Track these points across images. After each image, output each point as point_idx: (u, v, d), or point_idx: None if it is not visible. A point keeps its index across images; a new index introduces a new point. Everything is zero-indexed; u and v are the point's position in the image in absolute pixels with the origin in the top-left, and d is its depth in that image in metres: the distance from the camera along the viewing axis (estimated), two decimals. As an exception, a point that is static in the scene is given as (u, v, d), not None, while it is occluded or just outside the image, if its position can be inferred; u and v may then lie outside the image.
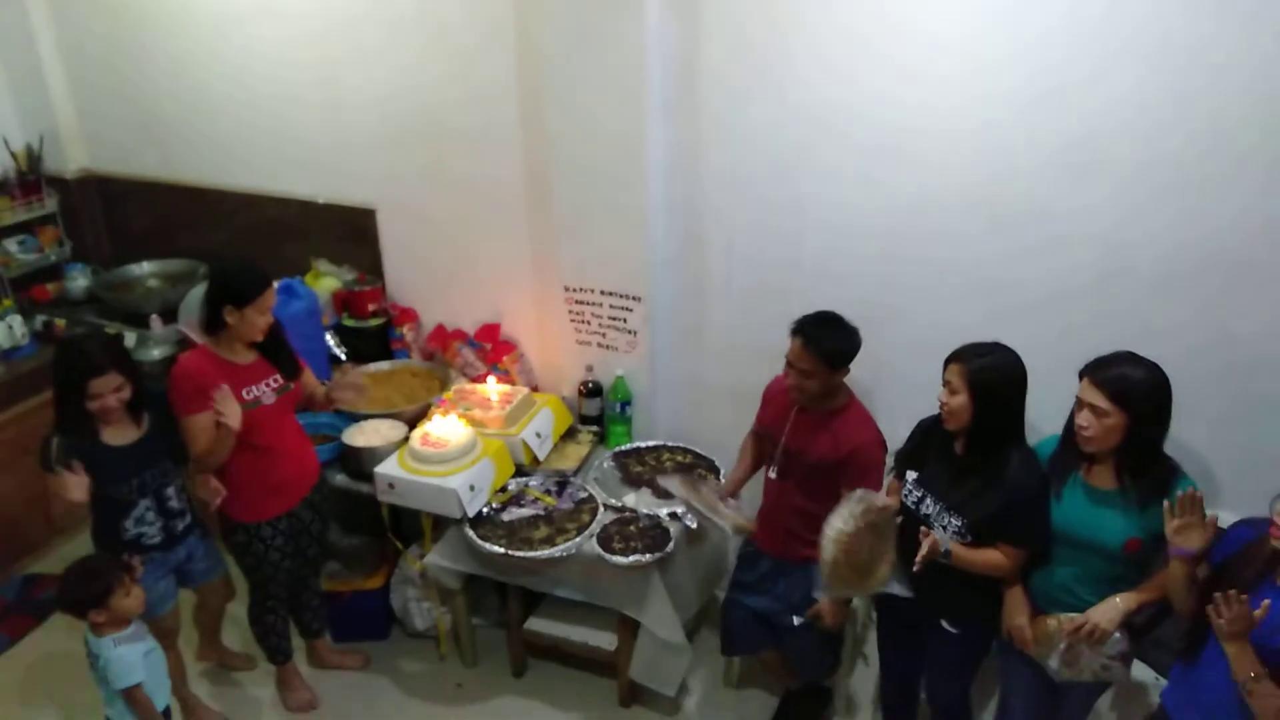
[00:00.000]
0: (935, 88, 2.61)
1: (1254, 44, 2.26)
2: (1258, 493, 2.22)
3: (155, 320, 3.75)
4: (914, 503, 2.46)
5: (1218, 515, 2.07)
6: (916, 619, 2.59)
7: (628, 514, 3.04)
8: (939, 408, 2.36)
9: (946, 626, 2.51)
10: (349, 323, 3.72)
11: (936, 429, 2.44)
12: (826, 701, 3.13)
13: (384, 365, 3.67)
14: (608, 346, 3.34)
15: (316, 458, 3.05)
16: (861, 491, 2.43)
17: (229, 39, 3.69)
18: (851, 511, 2.39)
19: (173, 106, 3.97)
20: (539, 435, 3.26)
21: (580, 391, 3.43)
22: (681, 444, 3.38)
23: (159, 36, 3.84)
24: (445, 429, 3.06)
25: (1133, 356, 2.19)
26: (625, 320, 3.26)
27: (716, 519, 2.88)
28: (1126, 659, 2.33)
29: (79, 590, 2.45)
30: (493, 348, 3.60)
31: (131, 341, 3.67)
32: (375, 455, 3.12)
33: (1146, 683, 2.61)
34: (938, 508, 2.40)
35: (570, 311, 3.34)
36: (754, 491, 2.95)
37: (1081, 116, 2.48)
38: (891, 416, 2.68)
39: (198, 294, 2.98)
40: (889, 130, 2.71)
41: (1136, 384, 2.14)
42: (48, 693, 3.32)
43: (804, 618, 2.75)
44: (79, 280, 4.19)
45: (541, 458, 3.26)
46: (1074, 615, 2.27)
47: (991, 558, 2.35)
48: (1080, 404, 2.22)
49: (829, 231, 2.93)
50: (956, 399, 2.30)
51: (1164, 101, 2.38)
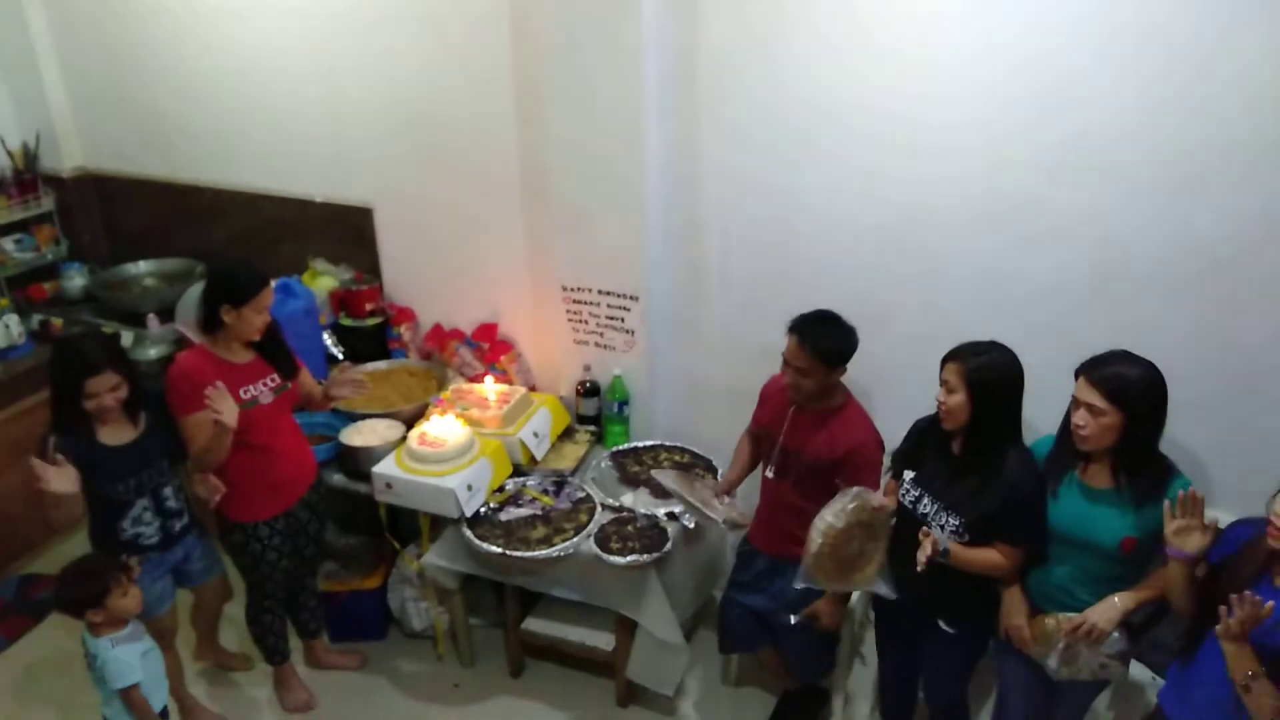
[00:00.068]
0: (933, 83, 2.60)
1: (1252, 41, 2.25)
2: (1254, 492, 2.22)
3: (152, 319, 3.75)
4: (911, 502, 2.46)
5: (1218, 518, 2.06)
6: (914, 619, 2.59)
7: (625, 514, 3.04)
8: (937, 407, 2.36)
9: (943, 627, 2.51)
10: (346, 322, 3.72)
11: (933, 429, 2.44)
12: (824, 701, 3.13)
13: (381, 365, 3.67)
14: (605, 346, 3.34)
15: (314, 457, 3.05)
16: (859, 489, 2.43)
17: (226, 37, 3.69)
18: (844, 507, 2.39)
19: (170, 104, 3.97)
20: (536, 435, 3.26)
21: (578, 391, 3.43)
22: (679, 443, 3.38)
23: (156, 34, 3.84)
24: (443, 429, 3.05)
25: (1128, 355, 2.19)
26: (623, 320, 3.25)
27: (710, 513, 2.88)
28: (1125, 658, 2.33)
29: (76, 590, 2.44)
30: (490, 347, 3.59)
31: (128, 341, 3.67)
32: (373, 455, 3.12)
33: (1144, 683, 2.61)
34: (935, 507, 2.40)
35: (568, 311, 3.34)
36: (750, 490, 2.95)
37: (1079, 113, 2.47)
38: (889, 416, 2.68)
39: (195, 293, 2.97)
40: (887, 125, 2.71)
41: (1132, 382, 2.14)
42: (45, 693, 3.32)
43: (799, 617, 2.75)
44: (76, 279, 4.19)
45: (539, 457, 3.26)
46: (1072, 615, 2.26)
47: (989, 557, 2.35)
48: (1076, 403, 2.22)
49: (826, 229, 2.92)
50: (954, 398, 2.30)
51: (1161, 98, 2.38)
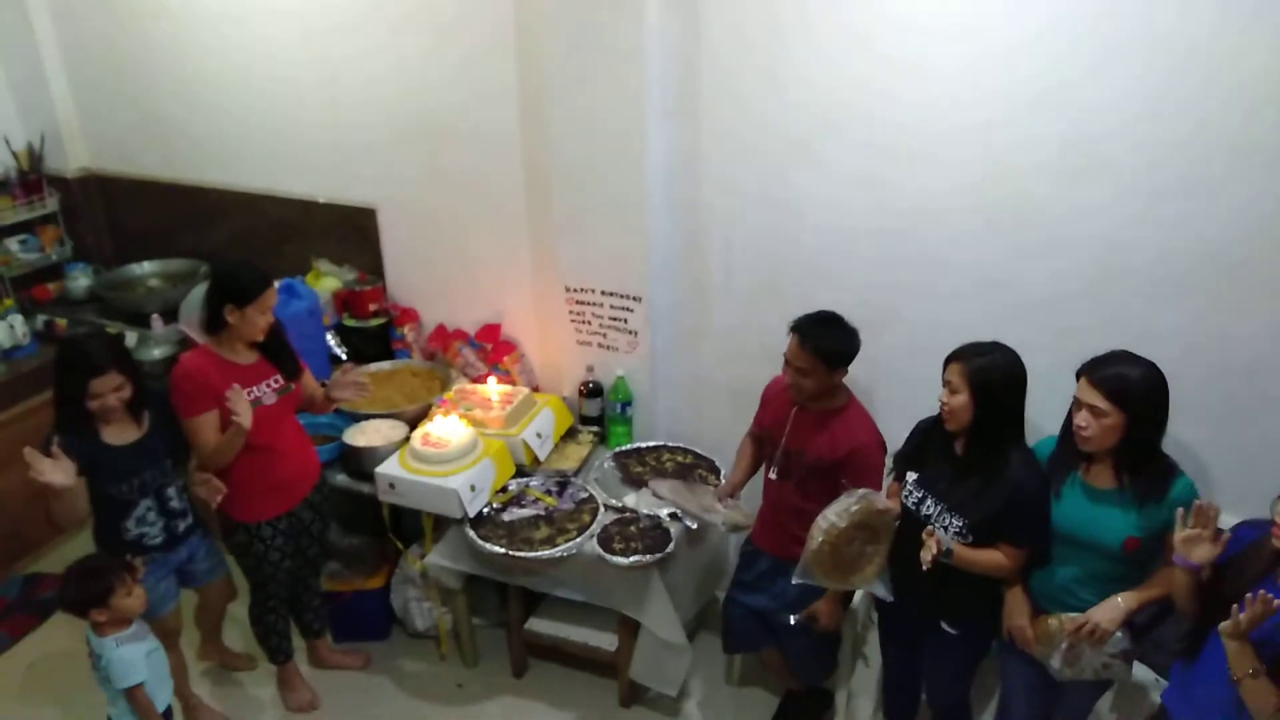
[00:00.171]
0: (934, 86, 2.60)
1: (1253, 43, 2.25)
2: (1255, 492, 2.22)
3: (156, 320, 3.76)
4: (914, 504, 2.45)
5: (1228, 533, 2.04)
6: (916, 620, 2.58)
7: (628, 514, 3.04)
8: (939, 408, 2.36)
9: (946, 628, 2.51)
10: (350, 322, 3.72)
11: (936, 430, 2.44)
12: (827, 702, 3.13)
13: (385, 365, 3.67)
14: (608, 347, 3.34)
15: (317, 458, 3.06)
16: (866, 490, 2.42)
17: (230, 39, 3.69)
18: (848, 507, 2.39)
19: (174, 106, 3.98)
20: (539, 435, 3.26)
21: (581, 392, 3.43)
22: (682, 444, 3.38)
23: (160, 36, 3.85)
24: (446, 429, 3.06)
25: (1129, 355, 2.19)
26: (626, 320, 3.26)
27: (709, 517, 2.88)
28: (1128, 657, 2.32)
29: (80, 590, 2.45)
30: (493, 348, 3.59)
31: (132, 341, 3.68)
32: (376, 455, 3.13)
33: (1147, 683, 2.60)
34: (938, 508, 2.40)
35: (571, 312, 3.34)
36: (753, 492, 2.95)
37: (1079, 116, 2.47)
38: (891, 418, 2.68)
39: (199, 293, 2.98)
40: (888, 129, 2.71)
41: (1134, 383, 2.14)
42: (49, 692, 3.33)
43: (799, 617, 2.75)
44: (80, 280, 4.20)
45: (542, 458, 3.26)
46: (1075, 615, 2.27)
47: (992, 558, 2.35)
48: (1078, 404, 2.22)
49: (828, 231, 2.92)
50: (957, 398, 2.30)
51: (1162, 102, 2.38)
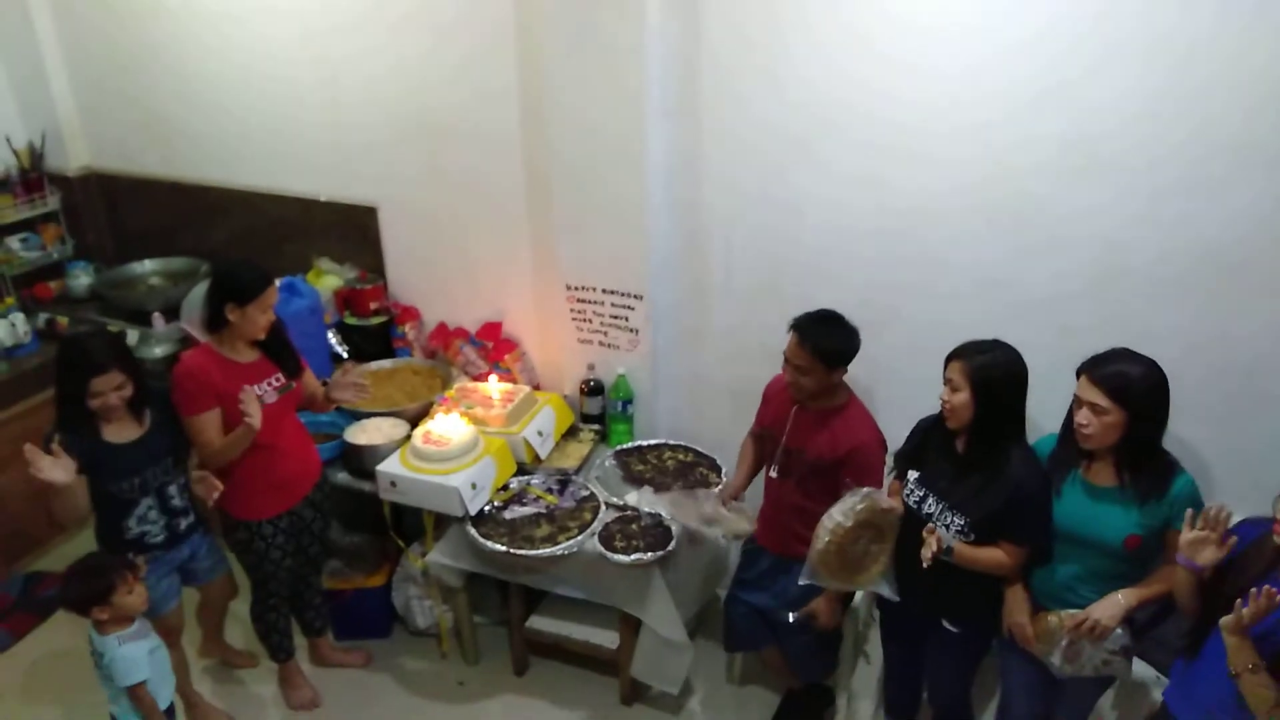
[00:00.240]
0: (934, 86, 2.60)
1: (1253, 43, 2.25)
2: (1256, 490, 2.22)
3: (157, 318, 3.76)
4: (916, 502, 2.46)
5: (1235, 537, 2.02)
6: (918, 618, 2.58)
7: (629, 512, 3.04)
8: (941, 406, 2.36)
9: (947, 626, 2.52)
10: (351, 321, 3.72)
11: (937, 428, 2.44)
12: (828, 701, 3.13)
13: (386, 363, 3.67)
14: (609, 345, 3.34)
15: (318, 456, 3.06)
16: (869, 489, 2.42)
17: (231, 37, 3.69)
18: (853, 506, 2.39)
19: (175, 104, 3.98)
20: (541, 433, 3.26)
21: (582, 390, 3.43)
22: (683, 442, 3.38)
23: (161, 34, 3.84)
24: (447, 427, 3.06)
25: (1130, 353, 2.19)
26: (627, 319, 3.26)
27: (709, 531, 2.86)
28: (1128, 653, 2.32)
29: (82, 588, 2.45)
30: (494, 346, 3.60)
31: (134, 339, 3.68)
32: (377, 453, 3.13)
33: (1148, 681, 2.60)
34: (940, 507, 2.40)
35: (572, 310, 3.34)
36: (754, 491, 2.95)
37: (1079, 116, 2.47)
38: (891, 416, 2.68)
39: (200, 292, 2.98)
40: (888, 128, 2.70)
41: (1135, 381, 2.14)
42: (51, 690, 3.33)
43: (798, 615, 2.75)
44: (81, 278, 4.20)
45: (543, 456, 3.26)
46: (1075, 612, 2.27)
47: (994, 556, 2.35)
48: (1079, 402, 2.22)
49: (829, 231, 2.92)
50: (958, 396, 2.30)
51: (1162, 102, 2.38)
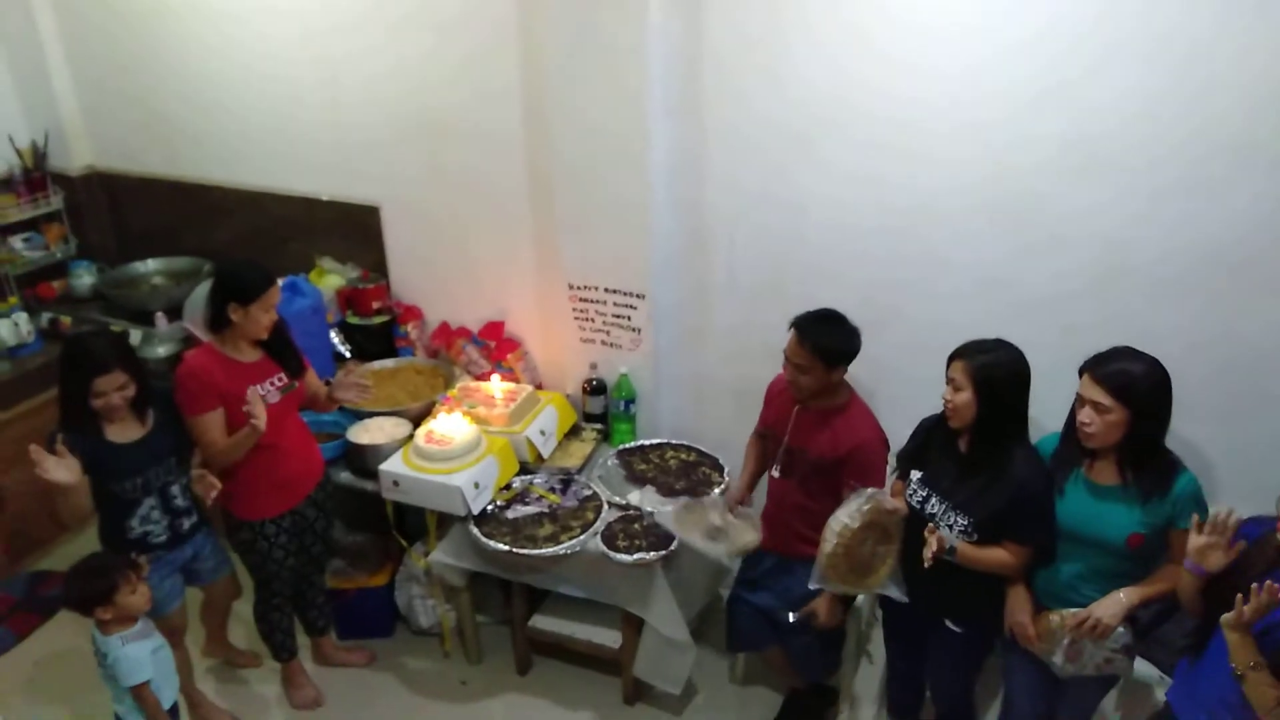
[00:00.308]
0: (935, 85, 2.60)
1: (1255, 41, 2.24)
2: (1258, 489, 2.21)
3: (160, 318, 3.76)
4: (919, 502, 2.45)
5: (1243, 542, 2.00)
6: (920, 618, 2.58)
7: (632, 512, 3.04)
8: (943, 405, 2.36)
9: (950, 626, 2.51)
10: (353, 320, 3.72)
11: (939, 428, 2.43)
12: (831, 700, 3.13)
13: (388, 363, 3.67)
14: (612, 344, 3.34)
15: (321, 455, 3.06)
16: (874, 490, 2.42)
17: (233, 37, 3.70)
18: (859, 508, 2.39)
19: (177, 104, 3.98)
20: (543, 433, 3.26)
21: (584, 389, 3.43)
22: (685, 441, 3.38)
23: (164, 34, 3.85)
24: (450, 426, 3.06)
25: (1132, 352, 2.19)
26: (629, 318, 3.25)
27: (714, 549, 2.82)
28: (1130, 653, 2.32)
29: (85, 587, 2.45)
30: (497, 345, 3.60)
31: (137, 339, 3.68)
32: (380, 453, 3.13)
33: (1151, 681, 2.60)
34: (943, 507, 2.40)
35: (574, 309, 3.34)
36: (759, 494, 2.95)
37: (1081, 115, 2.47)
38: (894, 416, 2.68)
39: (202, 291, 2.98)
40: (890, 127, 2.70)
41: (1137, 379, 2.14)
42: (54, 689, 3.33)
43: (798, 614, 2.74)
44: (84, 278, 4.21)
45: (546, 455, 3.26)
46: (1076, 610, 2.27)
47: (998, 556, 2.34)
48: (1081, 400, 2.22)
49: (831, 229, 2.92)
50: (961, 395, 2.29)
51: (1164, 100, 2.37)
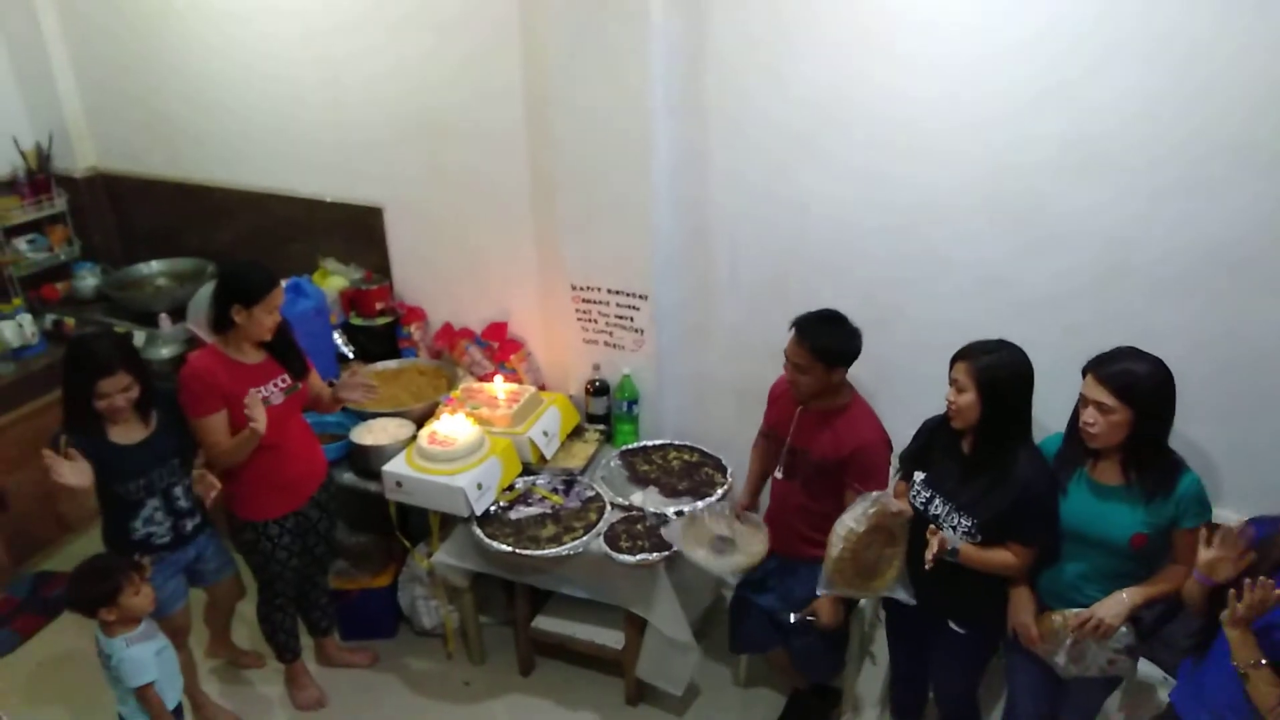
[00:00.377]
0: (939, 85, 2.60)
1: (1255, 41, 2.24)
2: (1262, 488, 2.22)
3: (164, 319, 3.77)
4: (923, 503, 2.45)
5: (1253, 554, 1.99)
6: (924, 619, 2.58)
7: (635, 512, 3.04)
8: (946, 407, 2.36)
9: (954, 627, 2.51)
10: (356, 321, 3.73)
11: (942, 429, 2.43)
12: (834, 701, 3.13)
13: (391, 364, 3.67)
14: (614, 345, 3.34)
15: (324, 456, 3.06)
16: (879, 494, 2.41)
17: (236, 37, 3.70)
18: (865, 511, 2.38)
19: (181, 105, 3.99)
20: (546, 434, 3.26)
21: (587, 390, 3.43)
22: (688, 442, 3.38)
23: (167, 35, 3.86)
24: (453, 427, 3.06)
25: (1135, 351, 2.19)
26: (632, 319, 3.26)
27: (718, 568, 2.80)
28: (1133, 653, 2.32)
29: (88, 589, 2.45)
30: (500, 346, 3.60)
31: (140, 340, 3.68)
32: (383, 454, 3.13)
33: (1155, 682, 2.60)
34: (947, 508, 2.39)
35: (577, 310, 3.34)
36: (762, 495, 2.95)
37: (1082, 113, 2.47)
38: (896, 416, 2.68)
39: (206, 293, 2.99)
40: (892, 125, 2.70)
41: (1141, 379, 2.14)
42: (58, 690, 3.34)
43: (799, 615, 2.74)
44: (88, 279, 4.21)
45: (548, 456, 3.26)
46: (1079, 610, 2.27)
47: (1001, 557, 2.34)
48: (1085, 401, 2.22)
49: (833, 228, 2.92)
50: (964, 397, 2.29)
51: (1165, 99, 2.37)
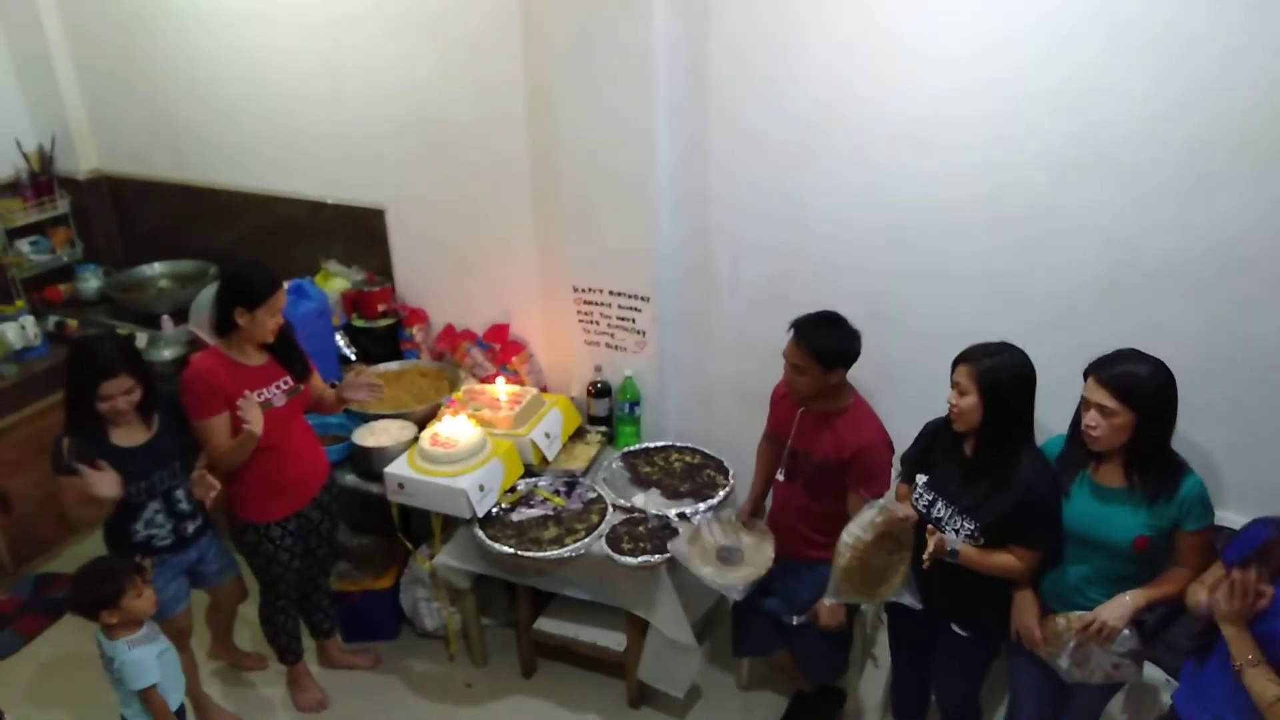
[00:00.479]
0: (942, 82, 2.59)
1: (1258, 37, 2.24)
2: (1264, 489, 2.21)
3: (166, 321, 3.77)
4: (925, 506, 2.44)
5: (1271, 590, 1.93)
6: (926, 621, 2.57)
7: (637, 514, 3.04)
8: (948, 409, 2.35)
9: (956, 630, 2.51)
10: (358, 323, 3.73)
11: (944, 431, 2.43)
12: (837, 703, 3.12)
13: (393, 366, 3.68)
14: (616, 347, 3.34)
15: (326, 458, 3.06)
16: (885, 501, 2.41)
17: (238, 39, 3.70)
18: (871, 519, 2.37)
19: (183, 107, 3.99)
20: (548, 435, 3.26)
21: (589, 392, 3.43)
22: (690, 444, 3.37)
23: (169, 37, 3.86)
24: (455, 429, 3.06)
25: (1137, 354, 2.18)
26: (634, 320, 3.25)
27: (724, 585, 2.77)
28: (1138, 658, 2.31)
29: (90, 591, 2.45)
30: (502, 348, 3.60)
31: (143, 342, 3.68)
32: (385, 455, 3.13)
33: (1158, 684, 2.59)
34: (949, 511, 2.39)
35: (579, 312, 3.34)
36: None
37: (1089, 112, 2.46)
38: (897, 418, 2.67)
39: (208, 295, 2.99)
40: (895, 124, 2.69)
41: (1142, 381, 2.13)
42: (60, 692, 3.34)
43: (801, 617, 2.74)
44: (91, 281, 4.22)
45: (550, 458, 3.26)
46: (1082, 613, 2.26)
47: (1003, 560, 2.34)
48: (1087, 403, 2.21)
49: (836, 229, 2.91)
50: (966, 400, 2.29)
51: (1171, 97, 2.37)
